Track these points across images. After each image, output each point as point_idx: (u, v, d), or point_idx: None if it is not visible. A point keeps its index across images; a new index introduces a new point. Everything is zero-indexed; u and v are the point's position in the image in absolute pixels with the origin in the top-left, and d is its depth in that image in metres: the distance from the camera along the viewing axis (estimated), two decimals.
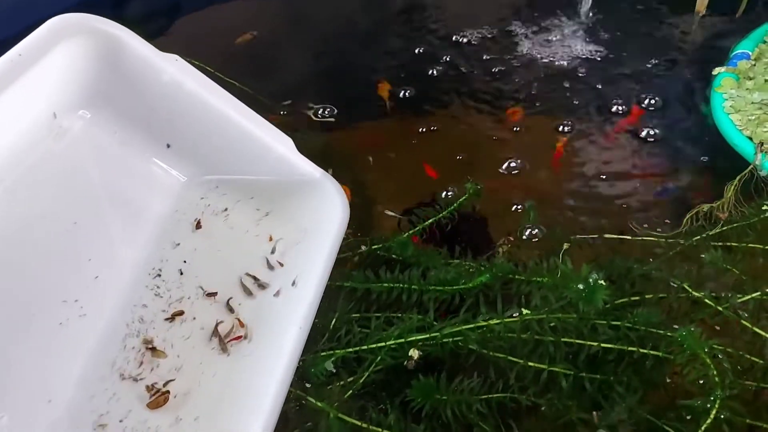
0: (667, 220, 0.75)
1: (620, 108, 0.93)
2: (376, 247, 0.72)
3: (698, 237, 0.64)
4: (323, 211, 0.67)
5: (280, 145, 0.68)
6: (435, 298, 0.65)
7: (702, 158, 0.85)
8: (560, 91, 0.97)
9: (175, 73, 0.66)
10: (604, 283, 0.54)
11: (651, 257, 0.67)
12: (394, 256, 0.71)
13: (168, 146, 0.69)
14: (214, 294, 0.65)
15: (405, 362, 0.62)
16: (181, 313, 0.64)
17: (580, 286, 0.54)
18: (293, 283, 0.63)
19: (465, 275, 0.65)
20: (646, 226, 0.72)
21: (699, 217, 0.67)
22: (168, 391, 0.58)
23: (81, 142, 0.65)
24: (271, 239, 0.69)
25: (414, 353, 0.62)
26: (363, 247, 0.72)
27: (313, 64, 1.04)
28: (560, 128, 0.91)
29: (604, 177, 0.84)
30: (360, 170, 0.87)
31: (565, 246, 0.64)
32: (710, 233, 0.63)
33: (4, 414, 0.53)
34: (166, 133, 0.68)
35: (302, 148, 0.71)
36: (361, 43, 1.08)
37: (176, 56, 0.67)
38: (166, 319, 0.64)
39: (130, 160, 0.68)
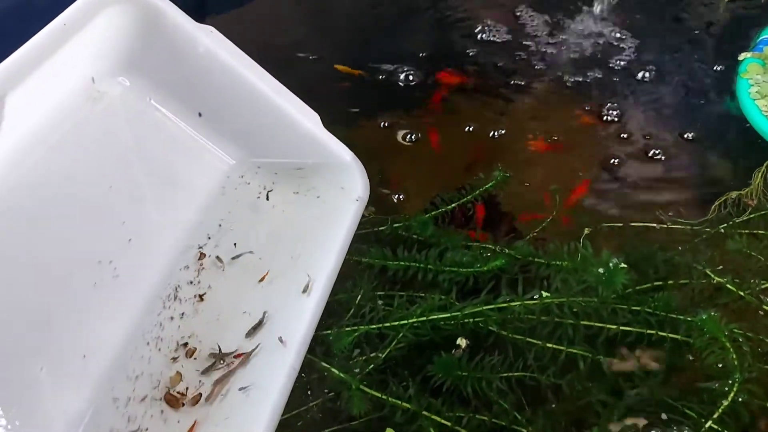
0: (694, 208, 0.75)
1: (647, 94, 0.92)
2: (397, 225, 0.74)
3: (725, 225, 0.63)
4: (345, 189, 0.69)
5: (307, 120, 0.70)
6: (450, 279, 0.66)
7: (728, 145, 0.84)
8: (583, 77, 0.96)
9: (210, 44, 0.68)
10: (624, 267, 0.55)
11: (676, 244, 0.66)
12: (414, 235, 0.72)
13: (200, 115, 0.71)
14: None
15: (453, 351, 0.64)
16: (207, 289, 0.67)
17: (601, 270, 0.55)
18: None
19: (480, 259, 0.66)
20: (671, 213, 0.71)
21: (727, 204, 0.67)
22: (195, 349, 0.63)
23: (117, 107, 0.67)
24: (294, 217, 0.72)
25: (462, 342, 0.64)
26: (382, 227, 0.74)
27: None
28: (587, 110, 0.90)
29: (630, 164, 0.84)
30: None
31: (586, 230, 0.65)
32: (737, 220, 0.63)
33: (42, 366, 0.56)
34: (199, 103, 0.71)
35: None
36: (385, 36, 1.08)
37: (212, 28, 0.69)
38: (196, 295, 0.67)
39: (163, 126, 0.70)
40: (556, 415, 0.61)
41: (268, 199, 0.74)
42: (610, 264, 0.55)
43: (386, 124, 0.90)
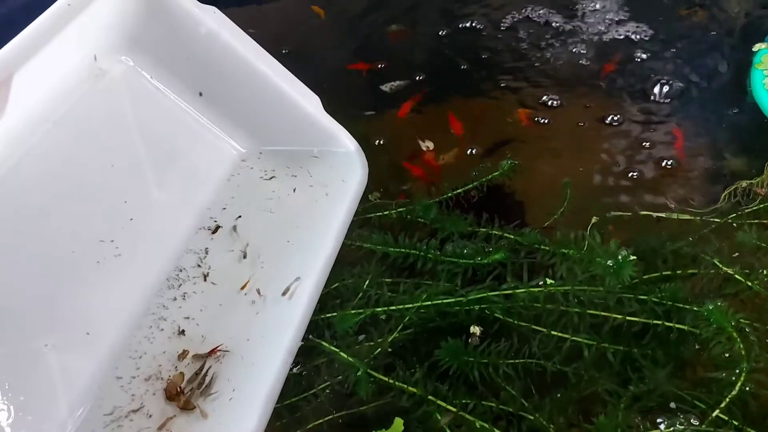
0: (705, 197, 0.74)
1: (663, 86, 0.92)
2: (401, 209, 0.74)
3: (734, 215, 0.63)
4: (343, 173, 0.70)
5: (307, 103, 0.70)
6: (448, 270, 0.67)
7: (742, 135, 0.84)
8: (596, 66, 0.95)
9: (213, 24, 0.68)
10: (632, 258, 0.55)
11: (686, 234, 0.66)
12: (419, 219, 0.73)
13: (200, 95, 0.72)
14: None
15: (469, 339, 0.64)
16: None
17: (609, 262, 0.55)
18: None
19: (481, 252, 0.66)
20: (681, 204, 0.71)
21: (737, 193, 0.67)
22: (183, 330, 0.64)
23: (119, 85, 0.68)
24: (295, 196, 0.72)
25: (476, 329, 0.64)
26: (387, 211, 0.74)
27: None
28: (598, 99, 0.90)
29: (642, 154, 0.84)
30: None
31: (594, 219, 0.65)
32: (746, 210, 0.62)
33: (47, 343, 0.57)
34: (200, 83, 0.71)
35: None
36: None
37: (214, 8, 0.69)
38: (203, 274, 0.68)
39: (164, 105, 0.71)
40: (563, 402, 0.61)
41: (270, 184, 0.74)
42: (619, 256, 0.55)
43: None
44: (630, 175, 0.81)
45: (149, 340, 0.63)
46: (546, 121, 0.88)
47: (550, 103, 0.90)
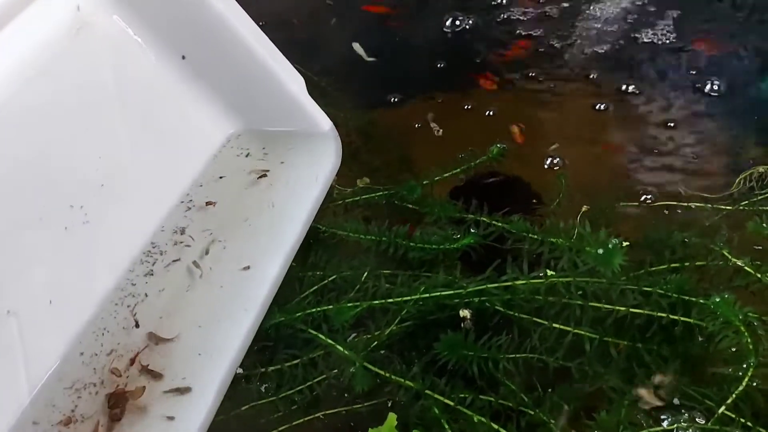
0: (719, 190, 0.71)
1: (677, 77, 0.89)
2: (384, 193, 0.74)
3: (746, 201, 0.60)
4: (318, 155, 0.69)
5: (291, 82, 0.68)
6: (419, 258, 0.67)
7: (760, 127, 0.80)
8: (617, 59, 0.93)
9: None
10: (623, 246, 0.53)
11: (696, 222, 0.64)
12: (408, 205, 0.73)
13: (183, 57, 0.70)
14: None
15: (462, 324, 0.63)
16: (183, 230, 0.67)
17: (599, 251, 0.53)
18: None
19: (449, 238, 0.66)
20: (693, 192, 0.69)
21: (752, 178, 0.64)
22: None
23: (100, 40, 0.65)
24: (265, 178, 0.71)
25: (465, 313, 0.63)
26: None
27: None
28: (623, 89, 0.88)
29: (659, 143, 0.81)
30: None
31: (584, 208, 0.63)
32: (759, 197, 0.60)
33: (10, 310, 0.55)
34: (184, 46, 0.69)
35: None
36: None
37: None
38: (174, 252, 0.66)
39: (145, 67, 0.69)
40: (565, 398, 0.59)
41: (245, 162, 0.72)
42: (609, 244, 0.53)
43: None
44: (641, 158, 0.79)
45: (114, 316, 0.61)
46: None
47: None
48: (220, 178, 0.72)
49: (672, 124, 0.83)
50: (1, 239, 0.56)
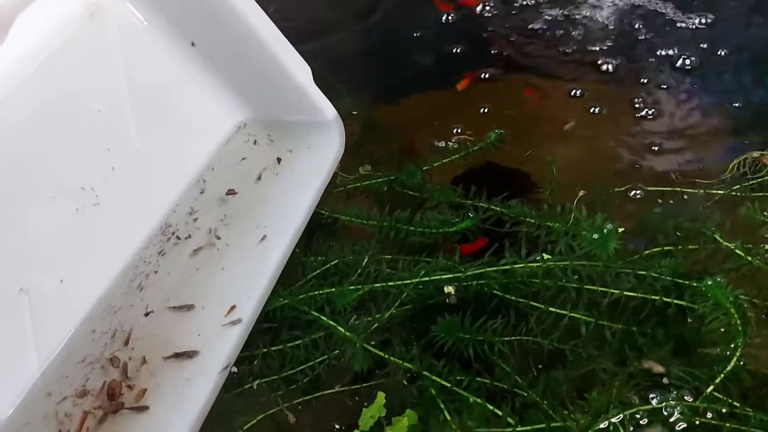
0: (713, 171, 0.72)
1: (685, 62, 0.90)
2: (384, 179, 0.76)
3: (738, 186, 0.61)
4: (322, 143, 0.71)
5: (297, 70, 0.69)
6: (419, 242, 0.69)
7: (754, 111, 0.81)
8: (626, 44, 0.94)
9: None
10: (619, 231, 0.54)
11: (690, 207, 0.65)
12: (409, 191, 0.74)
13: (192, 44, 0.71)
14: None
15: (446, 299, 0.65)
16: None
17: (595, 235, 0.54)
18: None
19: (448, 222, 0.68)
20: (676, 176, 0.70)
21: (746, 164, 0.65)
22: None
23: (112, 25, 0.66)
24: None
25: (450, 289, 0.64)
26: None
27: None
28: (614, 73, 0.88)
29: (655, 135, 0.82)
30: None
31: (581, 193, 0.64)
32: (752, 182, 0.60)
33: (21, 287, 0.58)
34: (194, 33, 0.70)
35: None
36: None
37: None
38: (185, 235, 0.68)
39: (155, 51, 0.70)
40: (559, 380, 0.60)
41: (252, 149, 0.74)
42: (604, 229, 0.54)
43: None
44: (640, 147, 0.80)
45: (125, 294, 0.63)
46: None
47: None
48: (230, 164, 0.74)
49: (660, 110, 0.84)
50: (13, 218, 0.58)
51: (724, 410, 0.49)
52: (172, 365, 0.58)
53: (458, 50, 0.95)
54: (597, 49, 0.92)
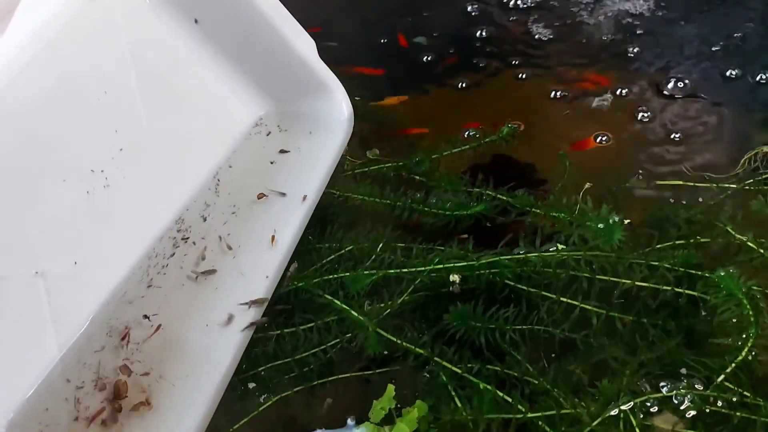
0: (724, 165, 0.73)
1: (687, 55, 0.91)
2: (392, 165, 0.78)
3: (750, 180, 0.62)
4: (330, 127, 0.71)
5: (302, 46, 0.70)
6: (432, 223, 0.70)
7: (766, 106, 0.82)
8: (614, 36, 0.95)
9: None
10: (624, 222, 0.55)
11: (702, 201, 0.66)
12: (416, 177, 0.76)
13: (196, 21, 0.70)
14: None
15: (450, 288, 0.65)
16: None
17: (600, 225, 0.55)
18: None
19: (462, 206, 0.70)
20: (698, 172, 0.71)
21: (757, 158, 0.65)
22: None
23: (115, 4, 0.65)
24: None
25: (455, 277, 0.65)
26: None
27: None
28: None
29: (667, 129, 0.83)
30: None
31: (587, 185, 0.65)
32: (764, 176, 0.61)
33: (36, 270, 0.57)
34: (196, 10, 0.70)
35: None
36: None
37: None
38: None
39: (159, 29, 0.69)
40: (569, 369, 0.61)
41: (260, 135, 0.75)
42: (610, 220, 0.55)
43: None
44: (648, 139, 0.81)
45: (145, 283, 0.63)
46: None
47: None
48: (237, 152, 0.74)
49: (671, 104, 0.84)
50: (24, 201, 0.58)
51: (734, 399, 0.50)
52: (182, 361, 0.59)
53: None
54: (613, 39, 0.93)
